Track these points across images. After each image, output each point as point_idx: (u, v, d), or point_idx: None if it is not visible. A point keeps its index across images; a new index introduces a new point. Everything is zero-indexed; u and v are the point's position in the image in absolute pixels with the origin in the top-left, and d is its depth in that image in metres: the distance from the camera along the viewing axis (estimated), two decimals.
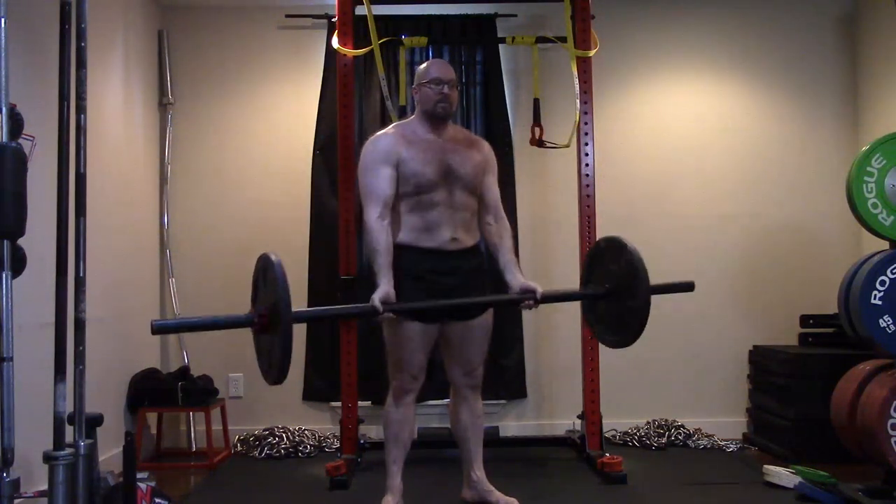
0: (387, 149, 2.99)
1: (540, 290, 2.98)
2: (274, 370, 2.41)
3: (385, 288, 2.84)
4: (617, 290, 2.94)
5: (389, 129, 3.13)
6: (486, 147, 3.20)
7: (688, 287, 3.05)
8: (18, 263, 1.97)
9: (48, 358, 2.07)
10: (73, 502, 2.01)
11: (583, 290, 3.16)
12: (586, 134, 4.04)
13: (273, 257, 2.39)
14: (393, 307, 2.83)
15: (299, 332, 4.56)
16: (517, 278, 3.04)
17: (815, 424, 3.88)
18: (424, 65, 3.14)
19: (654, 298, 2.74)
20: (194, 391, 4.13)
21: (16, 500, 1.90)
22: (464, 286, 3.02)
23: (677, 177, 4.73)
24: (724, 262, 4.71)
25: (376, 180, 2.96)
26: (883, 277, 3.22)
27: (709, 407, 4.62)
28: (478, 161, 3.08)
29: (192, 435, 4.50)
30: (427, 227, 2.98)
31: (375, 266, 2.92)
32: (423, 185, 2.96)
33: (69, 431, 2.05)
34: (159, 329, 2.50)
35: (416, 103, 3.11)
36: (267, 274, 2.43)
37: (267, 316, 2.41)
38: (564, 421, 4.44)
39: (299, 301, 4.55)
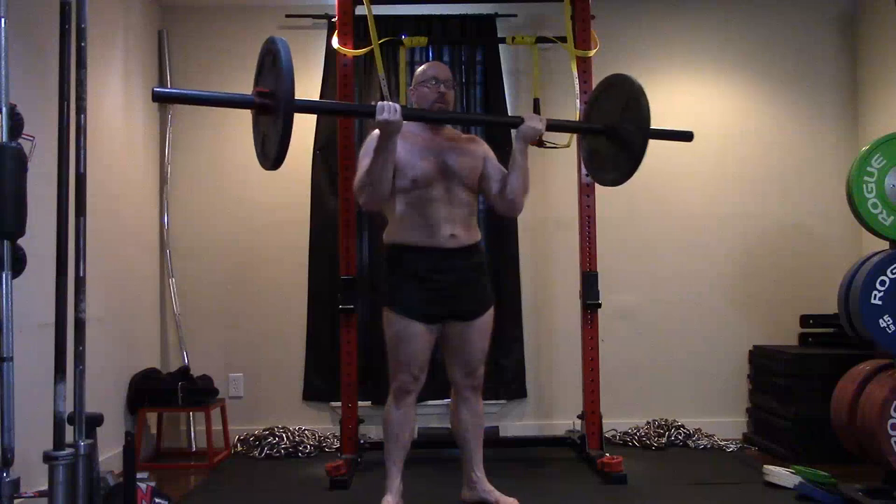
0: None
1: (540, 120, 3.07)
2: (270, 156, 2.50)
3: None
4: (618, 126, 3.09)
5: None
6: (483, 143, 3.23)
7: (686, 136, 3.23)
8: (18, 263, 1.97)
9: (48, 358, 2.06)
10: (73, 502, 2.01)
11: (587, 122, 3.33)
12: None
13: (281, 43, 2.44)
14: (407, 113, 2.84)
15: (299, 331, 4.58)
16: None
17: (815, 424, 3.88)
18: (422, 67, 3.17)
19: (656, 298, 2.76)
20: (194, 391, 4.13)
21: (16, 500, 1.89)
22: (465, 285, 3.02)
23: (677, 177, 4.73)
24: (725, 262, 4.71)
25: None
26: (883, 277, 3.22)
27: (709, 407, 4.62)
28: (475, 158, 3.09)
29: (192, 435, 4.50)
30: (425, 224, 2.98)
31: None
32: (419, 179, 2.97)
33: (69, 431, 2.04)
34: (159, 96, 2.54)
35: (414, 104, 3.12)
36: (273, 57, 2.45)
37: (269, 98, 2.46)
38: (564, 421, 4.44)
39: (299, 301, 4.58)
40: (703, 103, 4.78)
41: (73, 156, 2.15)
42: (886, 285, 3.21)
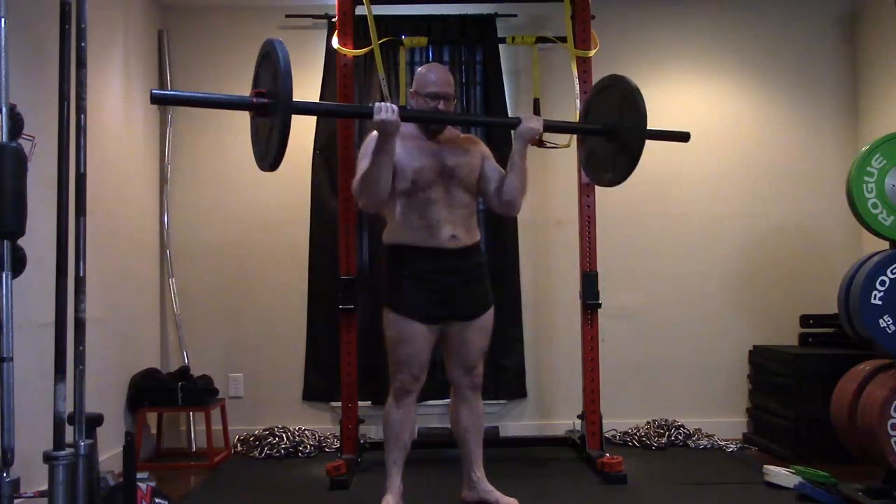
0: None
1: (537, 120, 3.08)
2: (269, 157, 2.50)
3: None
4: (616, 127, 3.09)
5: None
6: (481, 143, 3.24)
7: (683, 137, 3.24)
8: (18, 263, 1.97)
9: (48, 358, 2.06)
10: (73, 502, 2.01)
11: (584, 123, 3.32)
12: None
13: (278, 45, 2.45)
14: (403, 113, 2.84)
15: (299, 331, 4.58)
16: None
17: (815, 424, 3.88)
18: (424, 70, 3.13)
19: (656, 298, 2.76)
20: (194, 391, 4.13)
21: (16, 500, 1.89)
22: (465, 284, 3.03)
23: (677, 177, 4.73)
24: (725, 262, 4.71)
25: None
26: (883, 277, 3.22)
27: (709, 407, 4.62)
28: (473, 160, 3.10)
29: (192, 435, 4.50)
30: (426, 225, 2.98)
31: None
32: (419, 181, 2.97)
33: (69, 431, 2.04)
34: (157, 99, 2.55)
35: (413, 107, 3.11)
36: (271, 58, 2.46)
37: (267, 99, 2.47)
38: (564, 421, 4.44)
39: (299, 300, 4.57)
40: (703, 103, 4.78)
41: (73, 156, 2.15)
42: (886, 285, 3.21)
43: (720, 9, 4.79)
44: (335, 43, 4.03)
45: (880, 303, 3.21)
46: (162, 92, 2.69)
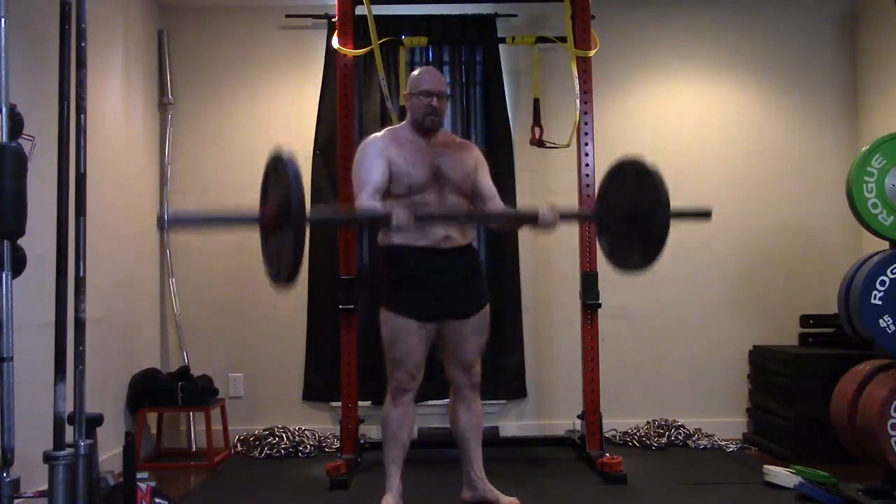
0: (379, 147, 3.04)
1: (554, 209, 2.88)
2: (285, 272, 2.36)
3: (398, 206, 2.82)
4: (635, 213, 2.78)
5: (381, 132, 3.17)
6: (476, 149, 3.24)
7: (705, 214, 2.90)
8: (18, 263, 1.97)
9: (48, 358, 2.06)
10: (73, 502, 2.01)
11: (601, 210, 3.00)
12: (586, 134, 4.04)
13: (285, 153, 2.35)
14: (418, 212, 2.75)
15: (299, 331, 4.58)
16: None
17: (815, 424, 3.88)
18: (417, 73, 3.16)
19: (655, 298, 2.75)
20: (194, 391, 4.13)
21: (16, 500, 1.89)
22: (460, 283, 3.04)
23: (677, 177, 4.66)
24: (725, 262, 4.71)
25: (368, 170, 2.99)
26: (883, 277, 3.22)
27: (709, 407, 4.61)
28: (468, 164, 3.11)
29: (192, 435, 4.50)
30: (420, 226, 2.98)
31: (375, 212, 2.85)
32: (413, 186, 2.99)
33: (69, 431, 2.04)
34: (173, 222, 2.44)
35: (408, 110, 3.13)
36: (279, 171, 2.36)
37: (278, 214, 2.33)
38: (564, 421, 4.44)
39: (299, 301, 4.57)
40: (703, 103, 4.78)
41: (73, 156, 2.15)
42: (886, 285, 3.21)
43: (720, 9, 4.79)
44: (335, 43, 4.03)
45: (880, 303, 3.21)
46: (177, 217, 2.53)
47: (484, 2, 4.59)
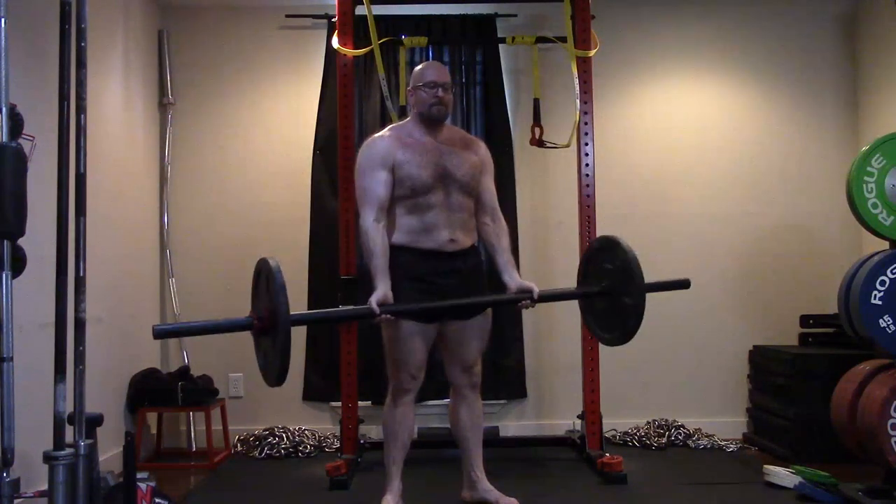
0: (382, 152, 3.00)
1: (537, 289, 3.00)
2: (273, 372, 2.46)
3: (382, 290, 2.85)
4: (612, 289, 2.98)
5: (385, 131, 3.13)
6: (483, 147, 3.20)
7: (683, 284, 3.08)
8: (18, 263, 1.97)
9: (48, 358, 2.06)
10: (73, 502, 2.01)
11: (579, 288, 3.18)
12: (586, 134, 4.04)
13: (271, 263, 2.43)
14: (390, 309, 2.83)
15: (299, 332, 4.56)
16: (514, 279, 3.06)
17: (815, 424, 3.88)
18: (420, 67, 3.14)
19: (655, 298, 2.76)
20: (194, 391, 4.13)
21: (16, 500, 1.89)
22: (462, 287, 3.02)
23: (677, 177, 4.73)
24: (724, 262, 4.71)
25: (372, 183, 2.97)
26: (883, 277, 3.22)
27: (709, 407, 4.62)
28: (474, 162, 3.09)
29: (192, 435, 4.50)
30: (425, 228, 2.98)
31: (372, 268, 2.92)
32: (418, 187, 2.97)
33: (69, 431, 2.04)
34: (160, 334, 2.53)
35: (412, 106, 3.12)
36: (265, 279, 2.46)
37: (266, 319, 2.45)
38: (564, 421, 4.44)
39: (299, 301, 4.56)
40: (703, 103, 4.78)
41: (73, 156, 2.15)
42: (886, 285, 3.21)
43: (721, 9, 4.79)
44: (335, 43, 4.04)
45: (880, 303, 3.21)
46: (163, 327, 2.75)
47: (484, 2, 4.59)
